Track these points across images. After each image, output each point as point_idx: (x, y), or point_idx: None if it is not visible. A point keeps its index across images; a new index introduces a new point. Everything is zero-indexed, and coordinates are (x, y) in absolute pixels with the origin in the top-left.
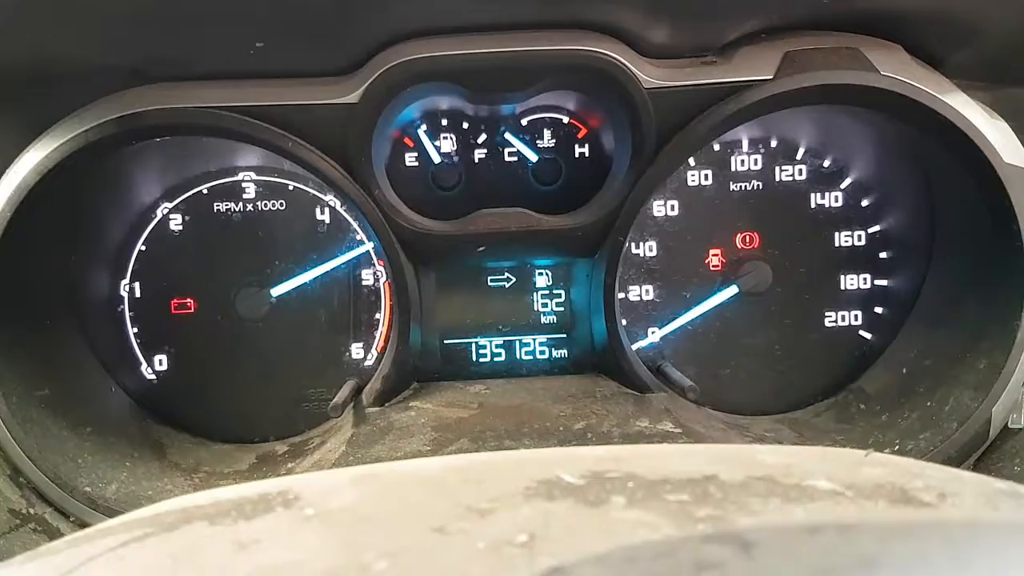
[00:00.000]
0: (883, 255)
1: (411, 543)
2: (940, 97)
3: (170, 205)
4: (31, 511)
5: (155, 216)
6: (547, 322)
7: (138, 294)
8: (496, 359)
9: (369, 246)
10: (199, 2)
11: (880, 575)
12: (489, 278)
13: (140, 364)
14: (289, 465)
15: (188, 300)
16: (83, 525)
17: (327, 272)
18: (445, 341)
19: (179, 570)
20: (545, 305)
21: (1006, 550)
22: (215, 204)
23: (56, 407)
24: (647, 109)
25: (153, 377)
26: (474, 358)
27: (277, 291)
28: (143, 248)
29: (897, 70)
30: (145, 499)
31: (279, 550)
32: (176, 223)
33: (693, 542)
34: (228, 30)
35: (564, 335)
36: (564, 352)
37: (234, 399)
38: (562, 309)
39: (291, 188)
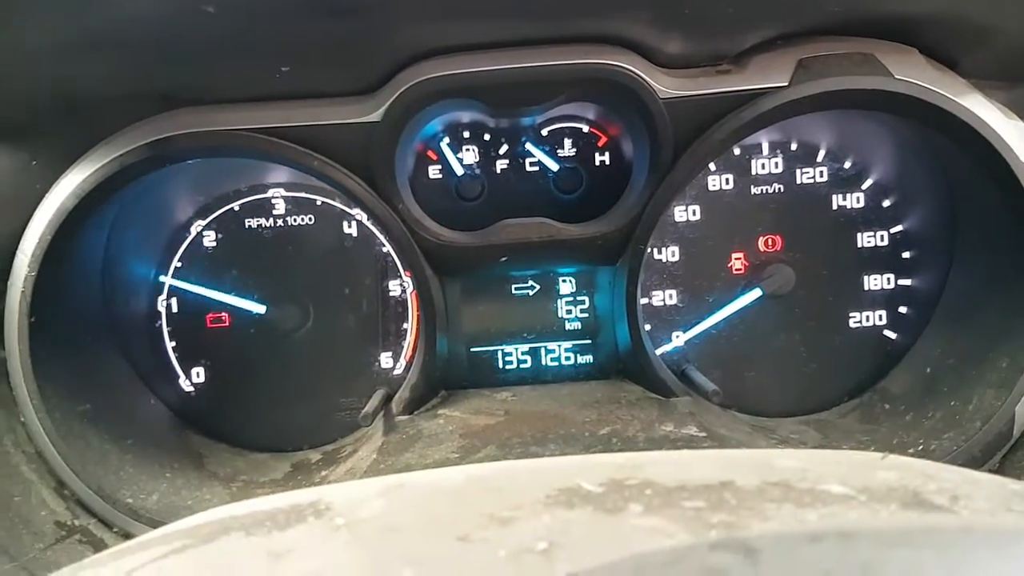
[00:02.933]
0: (906, 255)
1: (436, 552)
2: (955, 99)
3: (203, 222)
4: (76, 523)
5: (189, 234)
6: (571, 328)
7: (175, 309)
8: (522, 366)
9: (396, 258)
10: (225, 33)
11: None
12: (513, 286)
13: (178, 377)
14: (323, 473)
15: (223, 314)
16: (126, 535)
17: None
18: (471, 349)
19: None
20: (569, 312)
21: (1000, 558)
22: (247, 220)
23: (98, 421)
24: (664, 119)
25: (191, 390)
26: (500, 365)
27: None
28: (179, 264)
29: (911, 73)
30: (185, 509)
31: (311, 559)
32: (210, 240)
33: (701, 549)
34: (254, 57)
35: (589, 341)
36: (589, 358)
37: (269, 409)
38: (586, 315)
39: (319, 203)
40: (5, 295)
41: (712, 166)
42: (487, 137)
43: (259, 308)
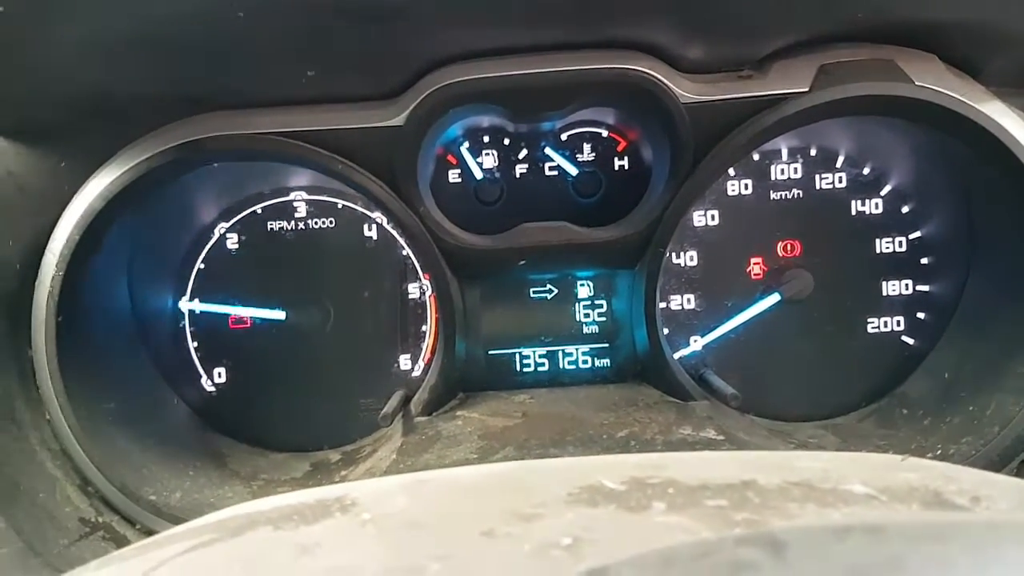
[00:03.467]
0: (924, 260)
1: (462, 546)
2: (975, 106)
3: (227, 225)
4: (100, 519)
5: (213, 235)
6: (589, 332)
7: (198, 310)
8: (540, 369)
9: (415, 260)
10: (255, 38)
11: (906, 574)
12: (532, 290)
13: (200, 377)
14: (342, 473)
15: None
16: (149, 532)
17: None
18: (490, 352)
19: (246, 573)
20: (587, 315)
21: None
22: (269, 223)
23: (122, 420)
24: (685, 123)
25: (212, 389)
26: (518, 368)
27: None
28: (202, 266)
29: (932, 80)
30: (207, 506)
31: (339, 553)
32: (233, 242)
33: (729, 544)
34: (282, 61)
35: (606, 344)
36: (607, 361)
37: (289, 409)
38: (604, 319)
39: (340, 206)
40: (33, 294)
41: (731, 171)
42: (507, 141)
43: (279, 313)
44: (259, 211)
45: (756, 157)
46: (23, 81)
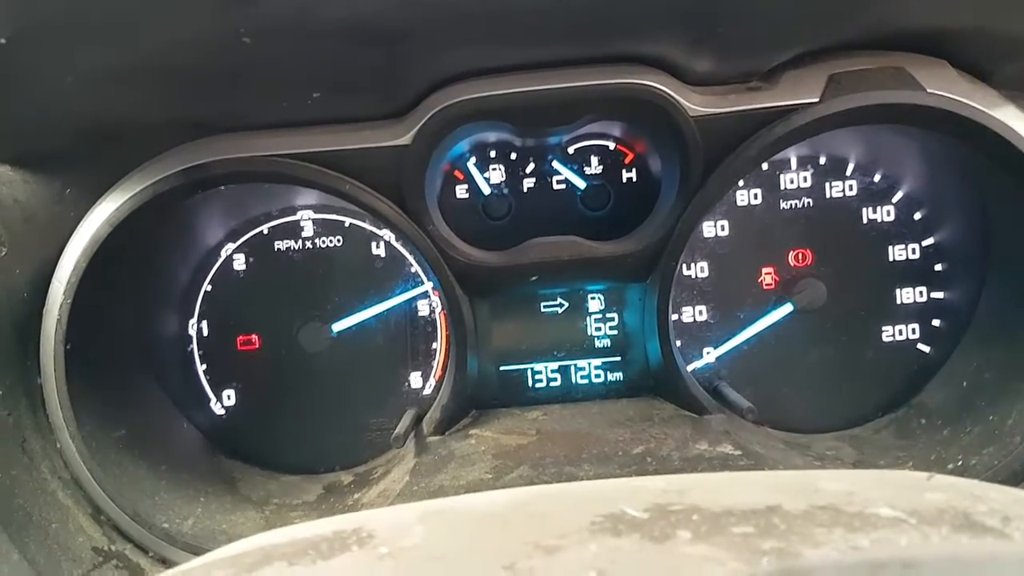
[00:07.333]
0: (939, 267)
1: None
2: (988, 111)
3: (233, 246)
4: (112, 548)
5: (219, 257)
6: (601, 346)
7: (206, 333)
8: (552, 384)
9: (424, 278)
10: (262, 61)
11: None
12: (542, 304)
13: (209, 400)
14: (355, 495)
15: (253, 336)
16: (162, 560)
17: (385, 305)
18: (501, 368)
19: None
20: (599, 329)
21: None
22: (276, 243)
23: (133, 447)
24: (694, 137)
25: (222, 412)
26: (530, 384)
27: (337, 325)
28: (209, 288)
29: (944, 87)
30: (220, 533)
31: None
32: (239, 263)
33: None
34: (286, 85)
35: (619, 358)
36: (619, 375)
37: (300, 431)
38: (616, 332)
39: (347, 225)
40: (41, 323)
41: (741, 181)
42: (514, 156)
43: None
44: (265, 231)
45: (765, 167)
46: (26, 110)
